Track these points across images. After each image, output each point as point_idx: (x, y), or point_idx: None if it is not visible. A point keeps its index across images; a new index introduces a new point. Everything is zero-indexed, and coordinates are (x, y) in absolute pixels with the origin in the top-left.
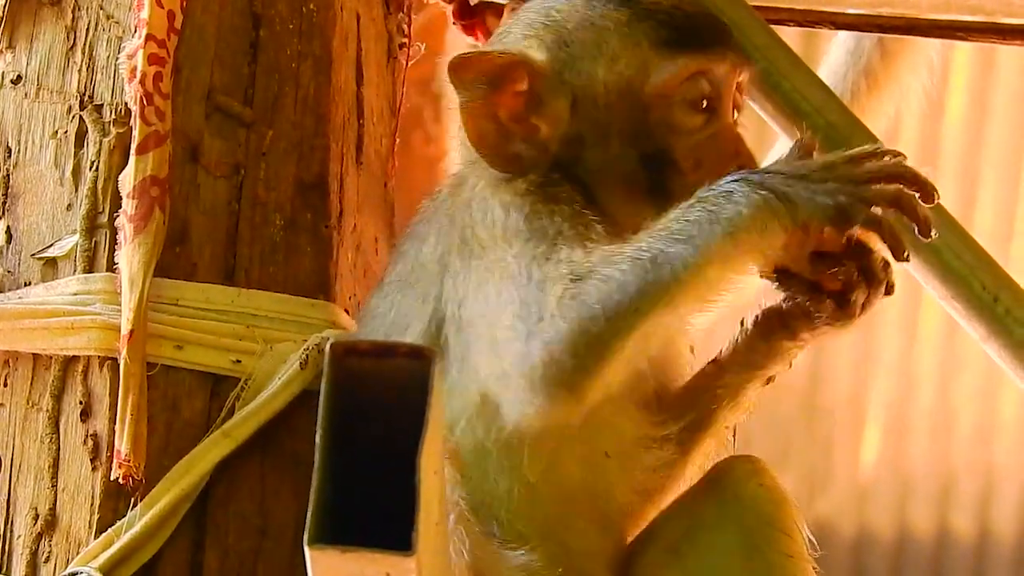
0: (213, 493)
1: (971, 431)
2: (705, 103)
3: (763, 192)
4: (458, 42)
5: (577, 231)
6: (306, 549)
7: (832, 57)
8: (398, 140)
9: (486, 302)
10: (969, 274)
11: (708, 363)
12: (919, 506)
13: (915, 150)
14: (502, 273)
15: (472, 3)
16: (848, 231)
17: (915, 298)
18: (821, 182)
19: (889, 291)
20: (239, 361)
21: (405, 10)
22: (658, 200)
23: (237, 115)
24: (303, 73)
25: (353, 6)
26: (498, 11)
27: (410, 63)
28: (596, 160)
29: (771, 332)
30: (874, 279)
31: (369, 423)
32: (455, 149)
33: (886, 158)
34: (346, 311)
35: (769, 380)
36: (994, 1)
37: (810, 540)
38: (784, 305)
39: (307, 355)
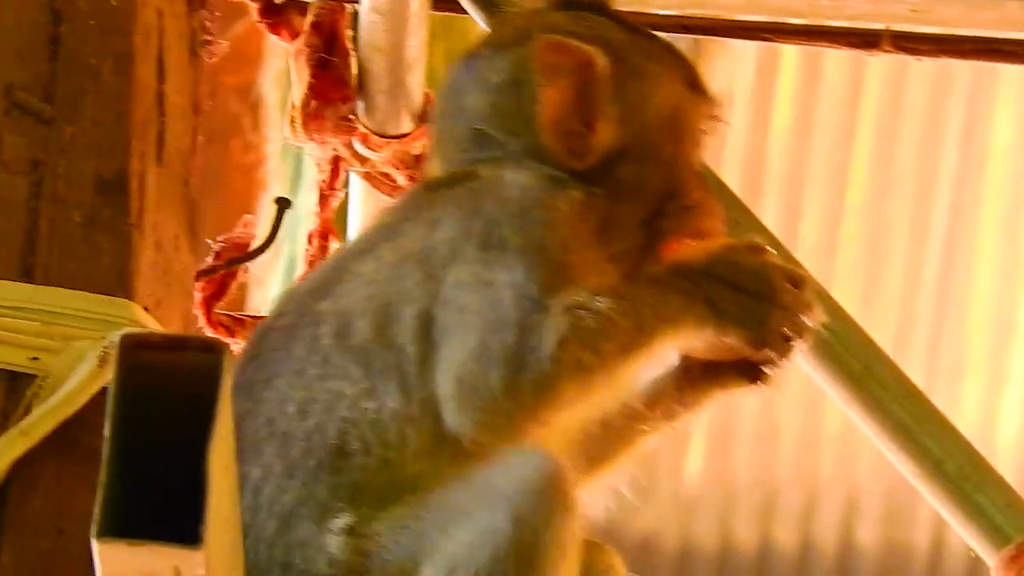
0: (10, 492)
1: (795, 443)
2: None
3: (705, 301)
4: (277, 50)
5: (589, 276)
6: (93, 543)
7: None
8: (212, 140)
9: (483, 299)
10: None
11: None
12: (743, 518)
13: (740, 161)
14: (511, 282)
15: (277, 2)
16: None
17: None
18: (756, 300)
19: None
20: (37, 358)
21: (208, 7)
22: (647, 224)
23: (37, 111)
24: (104, 70)
25: (155, 3)
26: (302, 9)
27: (225, 64)
28: (629, 176)
29: (698, 382)
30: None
31: (162, 417)
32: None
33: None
34: (146, 309)
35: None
36: (802, 3)
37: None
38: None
39: (105, 352)
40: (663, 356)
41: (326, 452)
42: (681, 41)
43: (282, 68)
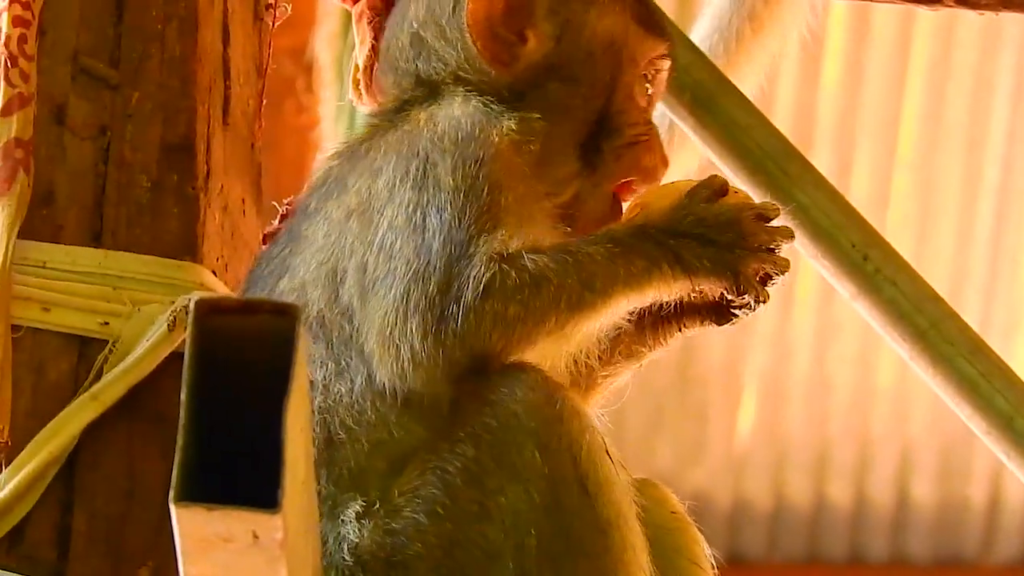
0: (81, 456)
1: (847, 399)
2: (650, 89)
3: (673, 260)
4: (330, 11)
5: (523, 217)
6: (171, 507)
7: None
8: (265, 102)
9: (412, 244)
10: (838, 232)
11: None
12: (795, 475)
13: (791, 116)
14: (440, 225)
15: None
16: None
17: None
18: (728, 250)
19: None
20: (107, 323)
21: None
22: (586, 155)
23: (103, 77)
24: (168, 34)
25: None
26: None
27: (278, 26)
28: (559, 95)
29: (659, 322)
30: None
31: (237, 381)
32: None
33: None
34: (213, 272)
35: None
36: None
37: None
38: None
39: (175, 317)
40: (627, 310)
41: (316, 448)
42: None
43: (335, 30)
